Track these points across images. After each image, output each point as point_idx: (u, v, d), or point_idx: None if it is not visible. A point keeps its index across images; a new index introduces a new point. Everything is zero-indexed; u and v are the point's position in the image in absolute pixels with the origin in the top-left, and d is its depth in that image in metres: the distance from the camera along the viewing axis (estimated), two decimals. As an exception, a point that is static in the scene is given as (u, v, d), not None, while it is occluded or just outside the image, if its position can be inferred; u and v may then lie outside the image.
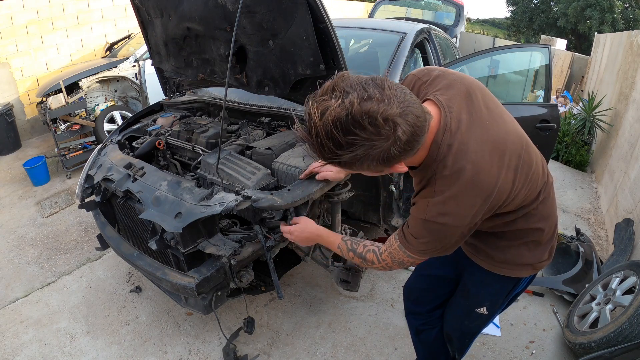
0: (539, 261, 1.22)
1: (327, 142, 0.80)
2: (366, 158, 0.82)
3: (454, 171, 0.95)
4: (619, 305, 2.04)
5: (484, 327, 1.51)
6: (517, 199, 1.05)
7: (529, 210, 1.12)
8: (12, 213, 3.68)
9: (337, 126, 0.78)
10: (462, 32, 9.96)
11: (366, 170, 0.89)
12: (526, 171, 1.04)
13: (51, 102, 4.20)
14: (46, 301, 2.53)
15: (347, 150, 0.80)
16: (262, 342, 2.17)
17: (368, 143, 0.79)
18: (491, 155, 0.96)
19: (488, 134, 0.98)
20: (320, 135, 0.80)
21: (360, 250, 1.23)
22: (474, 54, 2.70)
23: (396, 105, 0.79)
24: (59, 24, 5.49)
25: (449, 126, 0.96)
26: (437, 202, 0.97)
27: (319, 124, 0.79)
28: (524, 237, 1.18)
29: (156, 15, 2.34)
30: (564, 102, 6.82)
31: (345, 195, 1.80)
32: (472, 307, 1.39)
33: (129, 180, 1.96)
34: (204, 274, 1.62)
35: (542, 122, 2.46)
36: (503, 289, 1.32)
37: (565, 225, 3.40)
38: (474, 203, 0.96)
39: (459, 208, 0.96)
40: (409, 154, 0.87)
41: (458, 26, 5.37)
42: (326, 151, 0.83)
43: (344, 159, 0.83)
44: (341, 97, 0.78)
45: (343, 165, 0.87)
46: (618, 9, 15.82)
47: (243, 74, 2.13)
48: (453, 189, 0.95)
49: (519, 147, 1.02)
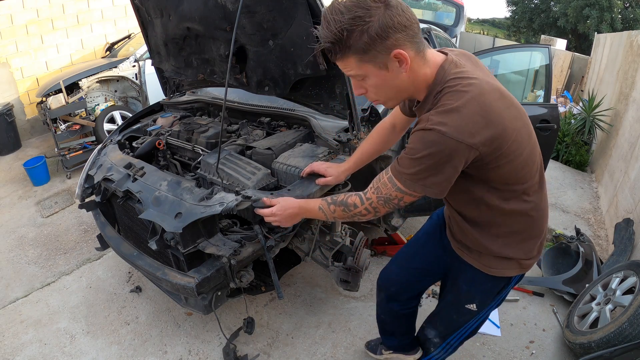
0: (527, 257, 1.21)
1: (331, 15, 0.92)
2: (365, 24, 0.91)
3: (460, 88, 0.96)
4: (619, 305, 2.04)
5: (470, 324, 1.47)
6: (521, 155, 1.02)
7: (526, 188, 1.10)
8: (12, 213, 3.68)
9: (339, 1, 0.93)
10: (462, 32, 9.95)
11: (370, 57, 0.95)
12: (530, 132, 1.07)
13: (51, 102, 4.20)
14: (46, 301, 2.53)
15: (348, 14, 0.91)
16: (262, 342, 2.17)
17: (365, 7, 0.91)
18: (494, 92, 0.99)
19: (495, 82, 1.04)
20: (326, 14, 0.94)
21: (341, 198, 1.20)
22: (474, 54, 2.70)
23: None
24: (59, 24, 5.49)
25: (455, 62, 1.02)
26: (440, 112, 0.95)
27: (327, 7, 0.96)
28: (514, 225, 1.16)
29: (156, 15, 2.35)
30: (564, 102, 6.82)
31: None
32: (462, 303, 1.39)
33: (129, 180, 1.96)
34: (204, 274, 1.62)
35: (542, 122, 2.46)
36: (493, 288, 1.32)
37: (565, 225, 3.40)
38: (477, 121, 0.93)
39: (461, 120, 0.93)
40: (404, 34, 0.94)
41: (458, 26, 5.38)
42: (330, 22, 0.93)
43: (345, 24, 0.91)
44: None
45: (346, 45, 0.94)
46: (617, 8, 15.81)
47: (243, 74, 2.13)
48: (457, 102, 0.94)
49: (524, 111, 1.07)
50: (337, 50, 0.96)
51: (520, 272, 1.26)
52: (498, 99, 0.98)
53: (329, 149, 1.93)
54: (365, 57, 0.95)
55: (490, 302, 1.36)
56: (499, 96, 0.99)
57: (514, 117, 1.01)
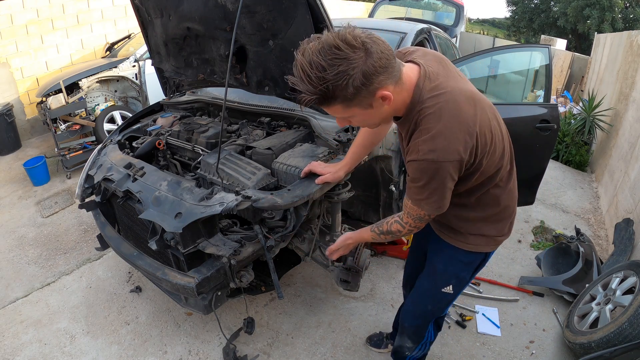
0: (500, 234, 1.34)
1: (312, 71, 0.92)
2: (348, 75, 0.92)
3: (437, 108, 1.04)
4: (619, 305, 2.04)
5: (445, 310, 1.58)
6: (497, 148, 1.14)
7: (500, 177, 1.21)
8: (12, 213, 3.68)
9: (317, 54, 0.92)
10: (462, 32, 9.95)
11: (356, 102, 0.98)
12: (499, 125, 1.17)
13: (51, 102, 4.20)
14: (46, 301, 2.53)
15: (330, 70, 0.91)
16: (262, 342, 2.17)
17: (346, 59, 0.91)
18: (468, 100, 1.07)
19: (465, 85, 1.12)
20: (305, 68, 0.93)
21: (385, 228, 1.32)
22: (474, 54, 2.70)
23: (360, 31, 0.95)
24: (59, 24, 5.48)
25: (428, 75, 1.08)
26: (426, 140, 1.04)
27: (302, 59, 0.94)
28: (488, 209, 1.28)
29: (156, 15, 2.34)
30: (564, 102, 6.82)
31: (345, 195, 1.80)
32: (438, 286, 1.45)
33: (129, 180, 1.96)
34: (204, 274, 1.62)
35: (542, 122, 2.46)
36: (471, 264, 1.40)
37: (565, 225, 3.40)
38: (459, 137, 1.04)
39: (446, 142, 1.03)
40: (386, 75, 0.98)
41: (458, 26, 5.37)
42: (313, 79, 0.93)
43: (330, 82, 0.92)
44: (316, 39, 0.94)
45: (331, 95, 0.95)
46: (618, 7, 15.80)
47: (243, 74, 2.13)
48: (438, 125, 1.03)
49: (491, 104, 1.16)
50: (321, 102, 0.99)
51: (494, 248, 1.39)
52: (471, 107, 1.07)
53: (329, 149, 1.93)
54: (352, 103, 1.00)
55: (466, 281, 1.46)
56: (471, 102, 1.08)
57: (487, 118, 1.10)
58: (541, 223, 3.37)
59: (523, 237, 3.19)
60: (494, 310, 2.39)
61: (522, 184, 2.57)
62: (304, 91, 0.96)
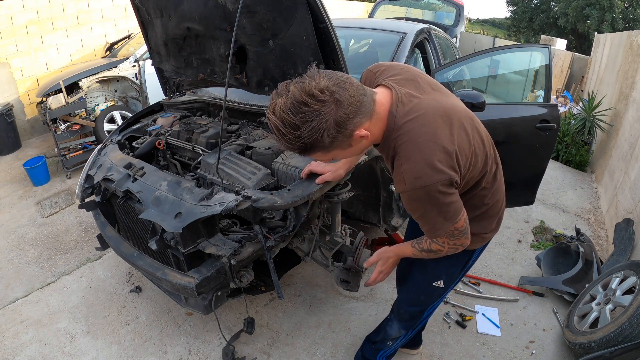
0: (487, 231, 1.34)
1: (287, 129, 0.94)
2: (322, 129, 0.94)
3: (413, 135, 1.05)
4: (619, 305, 2.04)
5: (438, 301, 1.58)
6: (478, 160, 1.15)
7: (485, 179, 1.22)
8: (12, 213, 3.68)
9: (287, 113, 0.93)
10: (462, 32, 9.96)
11: (331, 143, 0.99)
12: (479, 134, 1.17)
13: (51, 102, 4.20)
14: (46, 301, 2.53)
15: (304, 127, 0.93)
16: (262, 342, 2.17)
17: (316, 114, 0.93)
18: (443, 119, 1.08)
19: (438, 102, 1.12)
20: (279, 128, 0.94)
21: (425, 246, 1.29)
22: (474, 54, 2.70)
23: (326, 79, 0.94)
24: (59, 24, 5.49)
25: (401, 99, 1.08)
26: (408, 169, 1.05)
27: (274, 119, 0.95)
28: (476, 209, 1.28)
29: (156, 15, 2.34)
30: (564, 102, 6.83)
31: (345, 195, 1.80)
32: (429, 280, 1.47)
33: (129, 180, 1.96)
34: (204, 274, 1.62)
35: (542, 122, 2.46)
36: (459, 261, 1.42)
37: (565, 225, 3.40)
38: (441, 159, 1.04)
39: (429, 167, 1.03)
40: (359, 116, 0.98)
41: (458, 26, 5.37)
42: (289, 138, 0.95)
43: (305, 137, 0.94)
44: (284, 94, 0.95)
45: (310, 147, 0.98)
46: (619, 8, 15.80)
47: (243, 74, 2.13)
48: (416, 151, 1.04)
49: (466, 116, 1.15)
50: (302, 153, 1.02)
51: (481, 245, 1.40)
52: (446, 126, 1.07)
53: (329, 149, 1.92)
54: (331, 149, 1.02)
55: (456, 277, 1.49)
56: (446, 121, 1.08)
57: (464, 133, 1.10)
58: (541, 223, 3.37)
59: (523, 237, 3.19)
60: (494, 310, 2.39)
61: (522, 184, 2.61)
62: (283, 147, 1.00)
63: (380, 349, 1.75)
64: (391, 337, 1.70)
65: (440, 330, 2.26)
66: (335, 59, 1.76)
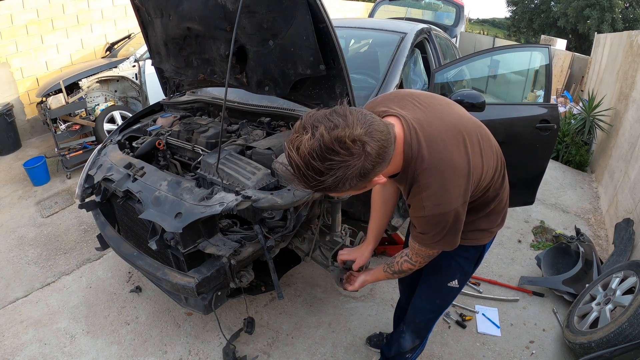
0: (494, 225, 1.37)
1: (309, 172, 0.89)
2: (346, 178, 0.90)
3: (431, 162, 1.05)
4: (619, 305, 2.04)
5: (451, 302, 1.61)
6: (489, 170, 1.18)
7: (494, 182, 1.24)
8: (12, 213, 3.68)
9: (313, 156, 0.87)
10: (462, 32, 9.95)
11: (348, 189, 0.95)
12: (487, 145, 1.19)
13: (51, 102, 4.20)
14: (46, 301, 2.53)
15: (328, 175, 0.88)
16: (262, 342, 2.17)
17: (344, 164, 0.88)
18: (456, 139, 1.09)
19: (445, 121, 1.11)
20: (301, 168, 0.90)
21: (396, 268, 1.35)
22: (474, 54, 2.70)
23: (359, 126, 0.89)
24: (59, 24, 5.49)
25: (412, 127, 1.07)
26: (429, 195, 1.06)
27: (297, 158, 0.89)
28: (484, 209, 1.30)
29: (156, 15, 2.34)
30: (564, 102, 6.83)
31: (345, 195, 1.80)
32: (444, 282, 1.48)
33: (129, 180, 1.96)
34: (204, 274, 1.62)
35: (542, 122, 2.46)
36: (471, 257, 1.44)
37: (565, 225, 3.40)
38: (460, 184, 1.07)
39: (449, 193, 1.06)
40: (382, 165, 0.96)
41: (458, 26, 5.36)
42: (310, 180, 0.91)
43: (327, 184, 0.90)
44: (310, 131, 0.89)
45: (327, 190, 0.93)
46: (619, 8, 15.79)
47: (243, 74, 2.13)
48: (437, 178, 1.05)
49: (474, 126, 1.17)
50: (316, 191, 0.97)
51: (490, 239, 1.42)
52: (461, 146, 1.09)
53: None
54: (346, 191, 0.97)
55: (469, 274, 1.50)
56: (460, 140, 1.09)
57: (476, 147, 1.12)
58: (541, 223, 3.37)
59: (523, 237, 3.19)
60: (494, 310, 2.39)
61: (522, 184, 2.61)
62: (297, 185, 0.95)
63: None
64: (407, 349, 1.68)
65: (440, 330, 2.26)
66: (335, 59, 1.76)
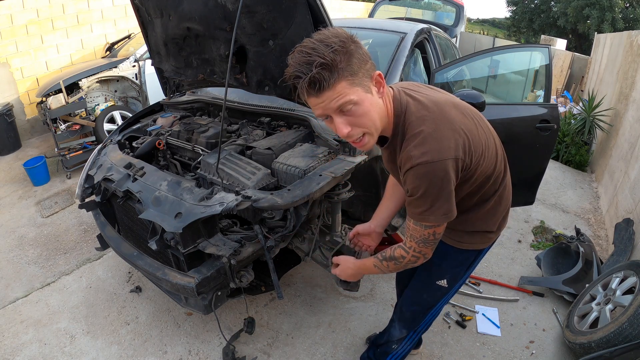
0: (492, 230, 1.33)
1: (315, 43, 0.93)
2: (349, 50, 0.94)
3: (422, 113, 1.07)
4: (619, 305, 2.04)
5: (441, 302, 1.56)
6: (489, 148, 1.16)
7: (494, 179, 1.23)
8: (12, 213, 3.68)
9: (304, 42, 0.96)
10: (462, 32, 9.95)
11: (357, 78, 0.97)
12: (484, 124, 1.19)
13: (51, 102, 4.20)
14: (46, 301, 2.53)
15: (333, 39, 0.93)
16: (262, 342, 2.17)
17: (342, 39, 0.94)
18: (447, 103, 1.11)
19: (441, 94, 1.16)
20: (306, 46, 0.93)
21: (388, 253, 1.28)
22: (474, 54, 2.70)
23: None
24: (59, 24, 5.49)
25: (402, 89, 1.12)
26: (417, 145, 1.04)
27: (301, 46, 0.95)
28: (483, 208, 1.27)
29: (156, 15, 2.34)
30: (564, 102, 6.82)
31: (345, 195, 1.80)
32: (433, 279, 1.47)
33: (129, 180, 1.96)
34: (204, 274, 1.62)
35: (542, 122, 2.46)
36: (465, 261, 1.42)
37: (565, 225, 3.40)
38: (449, 136, 1.04)
39: (437, 142, 1.03)
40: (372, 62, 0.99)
41: (458, 26, 5.36)
42: (319, 49, 0.92)
43: (334, 45, 0.92)
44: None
45: (337, 71, 0.93)
46: (619, 7, 15.79)
47: (243, 74, 2.13)
48: (425, 127, 1.04)
49: (470, 108, 1.19)
50: (326, 77, 0.92)
51: (487, 245, 1.39)
52: (453, 108, 1.10)
53: (329, 148, 1.93)
54: (356, 79, 0.96)
55: (460, 277, 1.47)
56: (452, 105, 1.11)
57: (473, 122, 1.13)
58: (541, 223, 3.37)
59: (523, 237, 3.19)
60: (494, 310, 2.39)
61: (522, 184, 2.61)
62: (307, 66, 0.91)
63: (387, 352, 1.72)
64: (395, 339, 1.69)
65: (440, 330, 2.26)
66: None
